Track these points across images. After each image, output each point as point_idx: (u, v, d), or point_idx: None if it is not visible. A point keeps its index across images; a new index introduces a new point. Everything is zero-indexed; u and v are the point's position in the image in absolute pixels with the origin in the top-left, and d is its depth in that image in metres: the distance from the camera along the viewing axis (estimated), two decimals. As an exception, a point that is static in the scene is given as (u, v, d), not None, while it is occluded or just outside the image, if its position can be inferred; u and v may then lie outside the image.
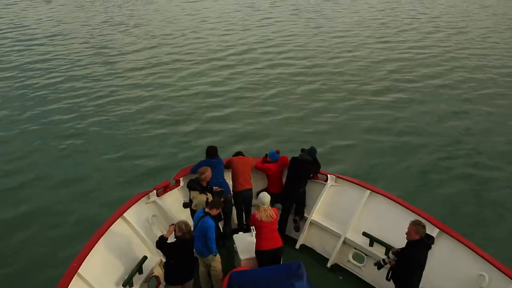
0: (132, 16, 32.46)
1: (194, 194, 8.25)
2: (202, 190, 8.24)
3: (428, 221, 7.83)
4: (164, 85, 19.40)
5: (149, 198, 8.75)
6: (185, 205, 8.57)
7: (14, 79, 20.17)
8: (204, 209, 7.77)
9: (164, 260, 7.74)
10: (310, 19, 32.86)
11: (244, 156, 9.32)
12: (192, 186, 8.30)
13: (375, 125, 16.26)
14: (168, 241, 7.39)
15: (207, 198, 8.10)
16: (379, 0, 40.84)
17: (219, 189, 8.32)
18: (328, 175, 9.08)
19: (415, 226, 6.80)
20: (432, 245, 6.85)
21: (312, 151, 9.06)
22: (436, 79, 21.11)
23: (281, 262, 7.90)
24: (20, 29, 28.93)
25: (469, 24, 32.38)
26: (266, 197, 7.93)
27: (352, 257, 8.54)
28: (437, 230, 7.82)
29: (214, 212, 7.69)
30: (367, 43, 26.77)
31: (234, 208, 9.21)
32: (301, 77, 20.98)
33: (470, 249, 7.45)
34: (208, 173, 8.28)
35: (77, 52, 23.93)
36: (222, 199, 8.10)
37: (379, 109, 17.61)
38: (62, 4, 36.55)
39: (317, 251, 8.95)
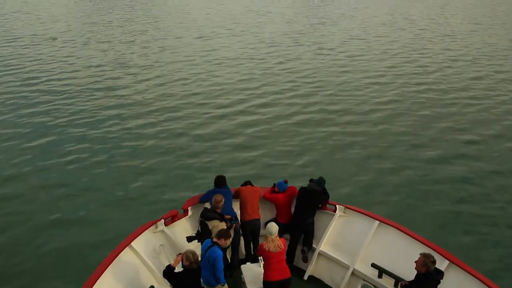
0: (142, 55, 33.48)
1: (214, 223, 9.23)
2: (222, 218, 9.29)
3: (438, 253, 8.74)
4: (176, 135, 19.65)
5: (157, 228, 9.82)
6: (190, 239, 9.51)
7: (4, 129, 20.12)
8: (212, 238, 8.78)
9: (171, 290, 8.60)
10: (334, 58, 33.60)
11: (253, 185, 10.42)
12: (211, 216, 9.30)
13: (434, 205, 14.73)
14: (175, 271, 8.27)
15: (228, 226, 9.13)
16: (407, 37, 41.99)
17: (229, 216, 9.37)
18: (337, 206, 10.13)
19: (423, 258, 7.70)
20: (441, 280, 7.72)
21: (320, 181, 10.13)
22: (502, 139, 19.72)
23: (289, 293, 8.75)
24: (17, 69, 29.66)
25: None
26: (274, 227, 8.96)
27: (361, 288, 9.42)
28: (447, 262, 8.70)
29: (223, 242, 8.63)
30: (405, 91, 25.95)
31: (242, 238, 10.21)
32: (335, 136, 19.63)
33: (480, 281, 8.27)
34: (223, 202, 9.40)
35: (78, 99, 24.00)
36: (233, 226, 9.14)
37: (434, 182, 16.00)
38: (67, 41, 37.95)
39: (325, 282, 9.89)
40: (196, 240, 9.37)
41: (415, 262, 7.74)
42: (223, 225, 9.15)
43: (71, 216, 13.67)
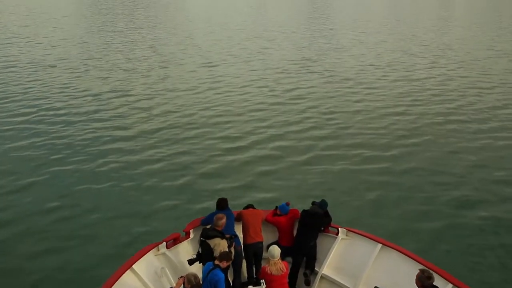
0: (143, 84, 33.87)
1: (216, 241, 9.98)
2: (223, 236, 10.02)
3: (441, 276, 9.36)
4: (179, 171, 19.58)
5: (158, 250, 10.55)
6: (191, 262, 10.23)
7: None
8: (213, 261, 9.45)
9: (172, 313, 9.33)
10: (346, 85, 34.00)
11: (255, 208, 11.17)
12: (211, 234, 10.06)
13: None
14: (176, 294, 9.01)
15: (228, 245, 9.83)
16: (422, 63, 42.58)
17: (228, 235, 10.08)
18: (339, 228, 10.86)
19: (420, 272, 8.46)
20: None
21: (323, 204, 10.90)
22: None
23: (291, 317, 9.44)
24: (9, 98, 29.70)
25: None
26: (276, 250, 9.69)
27: (364, 312, 10.02)
28: (450, 286, 9.31)
29: (225, 264, 9.34)
30: (425, 122, 25.74)
31: (244, 261, 10.88)
32: (352, 174, 19.28)
33: None
34: (224, 219, 10.21)
35: (74, 130, 23.99)
36: (233, 244, 9.82)
37: (461, 227, 15.56)
38: (66, 68, 38.32)
39: None
40: (198, 262, 10.05)
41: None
42: (224, 243, 9.86)
43: (70, 241, 14.32)
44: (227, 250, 9.70)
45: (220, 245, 9.83)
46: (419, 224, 15.63)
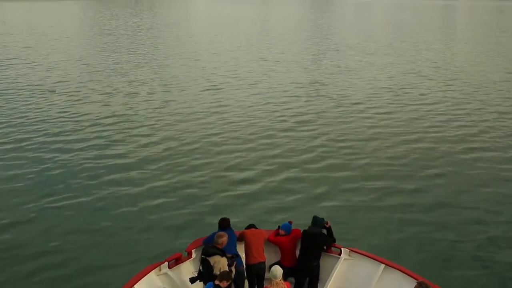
0: (146, 109, 34.03)
1: (216, 259, 10.57)
2: (223, 253, 10.60)
3: None
4: (182, 208, 19.22)
5: (160, 270, 11.13)
6: (193, 280, 10.80)
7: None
8: (214, 282, 10.02)
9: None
10: (360, 109, 34.21)
11: (257, 228, 11.77)
12: (211, 251, 10.66)
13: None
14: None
15: (229, 263, 10.42)
16: (438, 87, 42.78)
17: (230, 255, 10.66)
18: (342, 248, 11.44)
19: (417, 285, 9.08)
20: None
21: (316, 221, 11.52)
22: None
23: (293, 338, 9.94)
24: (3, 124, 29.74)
25: None
26: (278, 270, 10.25)
27: (366, 333, 10.51)
28: None
29: (225, 284, 9.91)
30: (445, 152, 25.48)
31: (246, 281, 11.44)
32: (375, 212, 18.92)
33: None
34: (225, 237, 10.80)
35: (68, 158, 24.08)
36: (234, 264, 10.38)
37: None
38: (66, 92, 38.71)
39: None
40: (198, 280, 10.63)
41: None
42: (224, 261, 10.44)
43: (72, 263, 14.90)
44: (226, 268, 10.28)
45: (219, 262, 10.39)
46: (448, 270, 15.13)
